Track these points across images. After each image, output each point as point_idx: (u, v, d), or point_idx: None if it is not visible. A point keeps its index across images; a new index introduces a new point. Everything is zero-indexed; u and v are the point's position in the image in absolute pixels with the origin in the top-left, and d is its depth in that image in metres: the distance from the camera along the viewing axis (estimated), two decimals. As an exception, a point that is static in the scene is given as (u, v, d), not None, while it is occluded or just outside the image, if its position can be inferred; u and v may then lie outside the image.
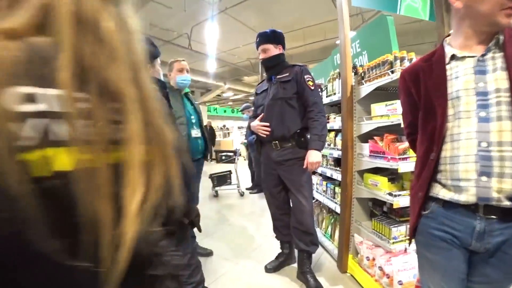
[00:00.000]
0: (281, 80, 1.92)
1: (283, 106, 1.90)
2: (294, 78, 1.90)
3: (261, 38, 1.95)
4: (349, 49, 2.05)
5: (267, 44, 1.93)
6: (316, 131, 1.85)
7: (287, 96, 1.90)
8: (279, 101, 1.91)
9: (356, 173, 2.06)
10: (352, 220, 2.11)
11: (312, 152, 1.83)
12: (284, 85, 1.90)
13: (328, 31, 7.21)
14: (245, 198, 4.92)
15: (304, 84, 1.89)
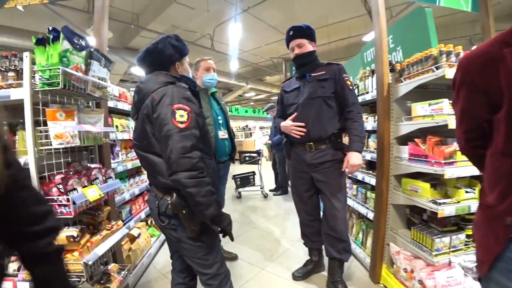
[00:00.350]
0: (318, 78, 1.81)
1: (321, 106, 1.80)
2: (333, 77, 1.80)
3: (296, 32, 1.83)
4: (386, 44, 1.91)
5: (303, 39, 1.82)
6: (356, 132, 1.77)
7: (326, 95, 1.79)
8: (317, 100, 1.80)
9: (393, 178, 1.92)
10: (388, 228, 1.97)
11: (353, 154, 1.74)
12: (323, 84, 1.80)
13: (353, 28, 6.96)
14: (269, 200, 4.86)
15: (344, 83, 1.80)
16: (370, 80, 2.29)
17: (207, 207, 1.10)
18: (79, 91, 1.38)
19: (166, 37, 1.28)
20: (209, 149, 1.32)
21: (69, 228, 1.36)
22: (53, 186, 1.29)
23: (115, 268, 1.72)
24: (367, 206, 2.29)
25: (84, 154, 1.69)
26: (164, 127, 1.08)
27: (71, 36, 1.29)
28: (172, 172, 1.06)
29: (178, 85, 1.19)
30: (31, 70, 1.23)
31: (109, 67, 1.67)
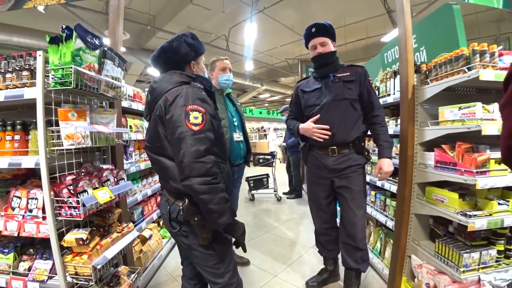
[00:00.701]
0: (345, 79, 1.72)
1: (347, 108, 1.72)
2: (358, 79, 1.72)
3: (319, 30, 1.73)
4: (411, 43, 1.79)
5: (326, 37, 1.73)
6: (386, 138, 1.72)
7: (352, 97, 1.71)
8: (344, 102, 1.71)
9: (416, 186, 1.79)
10: (409, 239, 1.84)
11: (385, 161, 1.69)
12: (349, 85, 1.71)
13: (371, 28, 6.75)
14: (282, 203, 4.76)
15: (370, 86, 1.74)
16: (392, 82, 2.17)
17: (220, 215, 1.04)
18: (91, 91, 1.36)
19: (181, 35, 1.24)
20: (223, 153, 1.26)
21: (79, 230, 1.34)
22: (64, 187, 1.27)
23: (125, 271, 1.70)
24: (386, 214, 2.16)
25: (97, 154, 1.68)
26: (177, 129, 1.03)
27: (84, 34, 1.27)
28: (184, 177, 1.01)
29: (193, 85, 1.13)
30: (44, 69, 1.22)
31: (123, 66, 1.65)
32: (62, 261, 1.27)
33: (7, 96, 1.28)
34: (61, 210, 1.27)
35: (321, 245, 2.04)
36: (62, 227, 1.32)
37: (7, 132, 1.36)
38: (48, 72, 1.23)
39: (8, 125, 1.37)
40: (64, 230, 1.33)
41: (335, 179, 1.79)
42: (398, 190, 1.89)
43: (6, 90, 1.30)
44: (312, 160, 1.90)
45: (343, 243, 1.84)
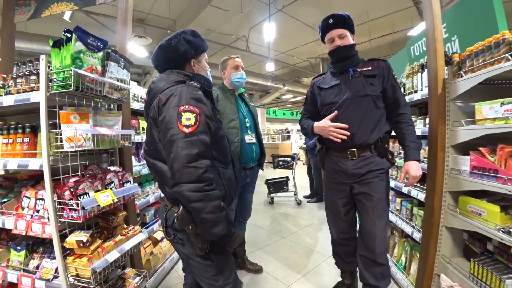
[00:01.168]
0: (366, 73, 1.55)
1: (370, 105, 1.54)
2: (381, 74, 1.55)
3: (337, 21, 1.58)
4: (440, 30, 1.57)
5: (344, 29, 1.57)
6: (413, 138, 1.53)
7: (375, 93, 1.54)
8: (365, 98, 1.54)
9: (448, 195, 1.56)
10: (438, 255, 1.61)
11: (413, 163, 1.49)
12: (371, 80, 1.55)
13: (397, 23, 6.30)
14: (302, 207, 4.58)
15: (394, 81, 1.56)
16: (419, 77, 1.93)
17: (213, 225, 0.96)
18: (94, 93, 1.36)
19: (180, 32, 1.18)
20: (224, 157, 1.18)
21: (81, 232, 1.34)
22: (66, 189, 1.28)
23: (132, 273, 1.69)
24: (413, 225, 1.93)
25: (104, 156, 1.69)
26: (169, 131, 0.97)
27: (85, 37, 1.26)
28: (175, 183, 0.94)
29: (189, 84, 1.06)
30: (47, 73, 1.23)
31: (130, 68, 1.65)
32: (63, 262, 1.28)
33: (16, 100, 1.32)
34: (63, 212, 1.27)
35: (339, 257, 1.88)
36: (66, 229, 1.33)
37: (18, 134, 1.41)
38: (51, 76, 1.24)
39: (19, 128, 1.42)
40: (67, 231, 1.34)
41: (355, 185, 1.61)
42: (426, 199, 1.67)
43: (16, 95, 1.34)
44: (329, 164, 1.74)
45: (360, 256, 1.66)
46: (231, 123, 2.01)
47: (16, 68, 1.43)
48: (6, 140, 1.43)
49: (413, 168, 1.47)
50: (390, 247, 2.23)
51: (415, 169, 1.47)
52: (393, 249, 2.17)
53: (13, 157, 1.40)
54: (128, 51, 1.80)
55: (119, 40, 1.77)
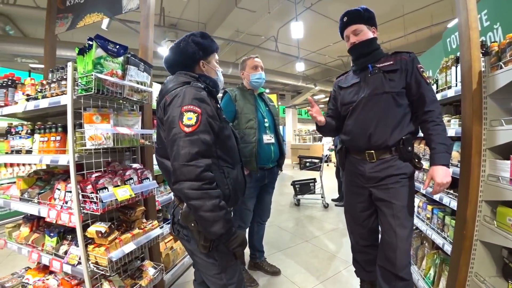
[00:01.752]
0: (385, 69, 1.44)
1: (389, 103, 1.42)
2: (404, 68, 1.41)
3: (351, 17, 1.51)
4: (475, 16, 1.38)
5: (359, 24, 1.49)
6: (442, 139, 1.33)
7: (395, 90, 1.41)
8: (384, 96, 1.42)
9: (484, 205, 1.37)
10: (471, 273, 1.42)
11: (439, 169, 1.30)
12: (391, 76, 1.42)
13: (436, 14, 5.73)
14: (329, 210, 4.42)
15: (419, 75, 1.39)
16: (453, 71, 1.73)
17: (212, 224, 0.97)
18: (115, 95, 1.46)
19: (190, 34, 1.22)
20: (230, 157, 1.18)
21: (101, 223, 1.45)
22: (89, 183, 1.40)
23: (149, 265, 1.78)
24: (445, 236, 1.73)
25: (127, 154, 1.81)
26: (172, 130, 1.01)
27: (104, 44, 1.37)
28: (175, 181, 0.98)
29: (193, 85, 1.09)
30: (73, 78, 1.36)
31: (150, 71, 1.74)
32: (85, 250, 1.40)
33: (50, 103, 1.48)
34: (85, 204, 1.39)
35: (358, 265, 1.77)
36: (88, 219, 1.45)
37: (52, 133, 1.59)
38: (76, 80, 1.37)
39: (53, 127, 1.59)
40: (89, 222, 1.46)
41: (373, 189, 1.50)
42: (458, 209, 1.49)
43: (50, 98, 1.50)
44: (349, 166, 1.65)
45: (380, 267, 1.53)
46: (248, 123, 2.01)
47: (51, 74, 1.60)
48: (43, 138, 1.62)
49: (439, 174, 1.29)
50: (419, 258, 2.03)
51: (441, 175, 1.28)
52: (422, 261, 1.97)
53: (48, 153, 1.57)
54: (150, 54, 1.90)
55: (142, 44, 1.88)
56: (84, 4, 2.25)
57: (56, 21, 2.36)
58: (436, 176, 1.29)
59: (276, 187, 2.35)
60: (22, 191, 1.76)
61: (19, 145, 1.76)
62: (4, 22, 5.76)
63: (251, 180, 1.99)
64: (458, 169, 1.55)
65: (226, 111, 1.99)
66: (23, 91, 1.74)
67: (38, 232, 1.73)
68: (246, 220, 2.09)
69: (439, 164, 1.31)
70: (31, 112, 1.80)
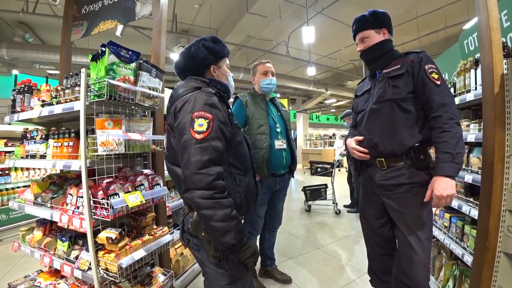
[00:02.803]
0: (389, 75, 1.39)
1: (393, 111, 1.36)
2: (409, 71, 1.34)
3: (358, 24, 1.49)
4: (496, 17, 1.33)
5: (366, 30, 1.45)
6: (447, 148, 1.22)
7: (399, 96, 1.34)
8: (387, 104, 1.37)
9: (508, 214, 1.30)
10: (494, 286, 1.33)
11: (441, 180, 1.20)
12: (395, 82, 1.36)
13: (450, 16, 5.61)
14: (341, 217, 4.32)
15: (425, 77, 1.30)
16: (472, 74, 1.66)
17: (223, 234, 0.94)
18: (127, 101, 1.47)
19: (200, 39, 1.20)
20: (242, 164, 1.16)
21: (111, 229, 1.45)
22: (100, 189, 1.40)
23: (159, 272, 1.77)
24: (464, 246, 1.65)
25: (138, 160, 1.82)
26: (182, 137, 0.98)
27: (117, 50, 1.39)
28: (186, 190, 0.95)
29: (204, 90, 1.08)
30: (86, 84, 1.38)
31: (162, 77, 1.75)
32: (95, 256, 1.40)
33: (64, 109, 1.51)
34: (96, 210, 1.39)
35: (374, 274, 1.69)
36: (99, 225, 1.46)
37: (65, 139, 1.61)
38: (89, 86, 1.39)
39: (66, 132, 1.62)
40: (100, 227, 1.46)
41: (384, 198, 1.45)
42: (480, 219, 1.41)
43: (64, 104, 1.53)
44: (363, 172, 1.60)
45: (396, 280, 1.46)
46: (260, 129, 1.99)
47: (65, 80, 1.63)
48: (57, 143, 1.65)
49: (440, 186, 1.19)
50: (436, 268, 1.94)
51: (441, 187, 1.18)
52: (439, 271, 1.87)
53: (61, 158, 1.60)
54: (162, 60, 1.92)
55: (155, 50, 1.90)
56: (99, 11, 2.31)
57: (72, 29, 2.43)
58: (435, 188, 1.20)
59: (287, 193, 2.31)
60: (36, 195, 1.79)
61: (34, 149, 1.80)
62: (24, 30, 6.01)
63: (262, 187, 1.96)
64: (479, 177, 1.48)
65: (237, 116, 1.98)
66: (39, 97, 1.78)
67: (51, 236, 1.76)
68: (257, 227, 2.05)
69: (440, 175, 1.21)
70: (45, 118, 1.84)
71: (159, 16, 1.90)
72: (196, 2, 5.38)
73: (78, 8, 2.46)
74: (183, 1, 5.15)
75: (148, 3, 2.00)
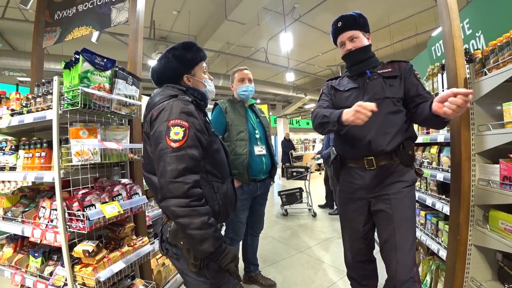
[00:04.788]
0: (384, 75, 1.40)
1: (390, 109, 1.36)
2: (402, 75, 1.39)
3: (346, 23, 1.44)
4: (458, 25, 1.43)
5: (355, 30, 1.42)
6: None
7: (396, 96, 1.37)
8: (385, 101, 1.36)
9: (476, 209, 1.38)
10: (467, 277, 1.41)
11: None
12: (391, 81, 1.39)
13: (420, 23, 6.01)
14: (323, 220, 4.38)
15: (416, 80, 1.38)
16: (439, 78, 1.78)
17: (201, 242, 0.92)
18: (102, 110, 1.43)
19: (170, 49, 1.16)
20: (220, 171, 1.15)
21: (88, 242, 1.39)
22: (75, 200, 1.35)
23: (140, 284, 1.71)
24: (439, 241, 1.73)
25: (115, 169, 1.77)
26: (158, 145, 0.97)
27: (92, 57, 1.35)
28: (162, 198, 0.94)
29: (180, 98, 1.06)
30: (59, 92, 1.33)
31: (138, 84, 1.72)
32: (71, 271, 1.33)
33: (35, 118, 1.44)
34: (71, 222, 1.33)
35: (354, 280, 1.65)
36: (75, 238, 1.39)
37: (37, 149, 1.54)
38: (62, 95, 1.34)
39: (38, 143, 1.54)
40: (76, 241, 1.40)
41: (372, 200, 1.42)
42: (451, 214, 1.50)
43: (35, 113, 1.46)
44: (345, 176, 1.56)
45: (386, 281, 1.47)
46: (239, 135, 2.00)
47: (37, 88, 1.56)
48: (28, 154, 1.56)
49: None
50: (415, 266, 2.02)
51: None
52: (417, 267, 1.95)
53: (32, 170, 1.52)
54: (139, 67, 1.89)
55: (131, 57, 1.87)
56: (73, 17, 2.24)
57: (44, 35, 2.34)
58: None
59: (268, 198, 2.32)
60: (5, 210, 1.69)
61: (2, 161, 1.70)
62: (-8, 36, 5.70)
63: (243, 192, 1.96)
64: (449, 175, 1.57)
65: (217, 123, 1.97)
66: (8, 105, 1.69)
67: (22, 252, 1.65)
68: (239, 233, 2.04)
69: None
70: (16, 128, 1.75)
71: (136, 23, 1.88)
72: (174, 9, 5.36)
73: (51, 13, 2.37)
74: (161, 8, 5.11)
75: (124, 9, 1.96)
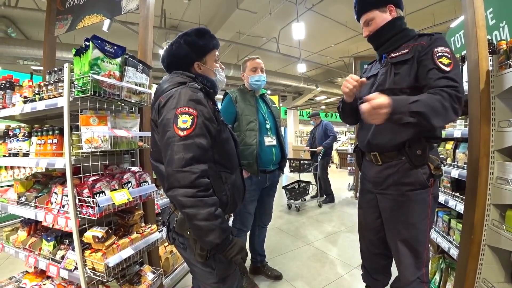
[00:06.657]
0: (394, 60, 1.24)
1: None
2: (415, 56, 1.17)
3: (359, 6, 1.32)
4: (482, 14, 1.35)
5: (370, 11, 1.28)
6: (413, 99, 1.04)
7: (398, 86, 1.20)
8: (385, 93, 1.09)
9: (492, 208, 1.33)
10: (478, 278, 1.37)
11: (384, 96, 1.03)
12: (398, 69, 1.22)
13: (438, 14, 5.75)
14: (331, 213, 4.36)
15: (431, 62, 1.11)
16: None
17: (207, 233, 0.91)
18: (112, 97, 1.43)
19: (182, 34, 1.13)
20: (228, 161, 1.13)
21: (98, 228, 1.41)
22: (85, 187, 1.37)
23: (148, 270, 1.75)
24: (451, 240, 1.69)
25: (126, 157, 1.78)
26: (166, 134, 0.95)
27: (102, 44, 1.34)
28: (169, 188, 0.92)
29: (189, 86, 1.04)
30: (69, 80, 1.33)
31: (149, 72, 1.71)
32: (81, 255, 1.37)
33: (47, 105, 1.45)
34: (82, 208, 1.36)
35: (366, 271, 1.63)
36: (85, 224, 1.42)
37: (49, 136, 1.56)
38: (73, 82, 1.34)
39: (50, 130, 1.56)
40: (86, 226, 1.43)
41: (378, 196, 1.37)
42: (465, 213, 1.44)
43: (46, 100, 1.48)
44: (363, 167, 1.52)
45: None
46: (249, 125, 1.98)
47: (49, 75, 1.58)
48: (40, 141, 1.59)
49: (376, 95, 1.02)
50: (424, 263, 1.98)
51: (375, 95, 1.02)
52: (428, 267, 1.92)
53: (44, 156, 1.55)
54: (149, 55, 1.88)
55: (142, 45, 1.86)
56: (83, 5, 2.23)
57: (55, 23, 2.35)
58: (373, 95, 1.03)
59: (277, 189, 2.31)
60: (19, 195, 1.74)
61: (16, 147, 1.74)
62: (6, 24, 5.79)
63: (252, 183, 1.95)
64: (464, 172, 1.51)
65: (227, 113, 1.96)
66: (21, 93, 1.72)
67: (36, 236, 1.71)
68: (247, 223, 2.05)
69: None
70: (28, 115, 1.78)
71: (146, 10, 1.85)
72: (185, -3, 5.30)
73: (62, 1, 2.37)
74: (172, -4, 5.07)
75: (135, -4, 1.95)
